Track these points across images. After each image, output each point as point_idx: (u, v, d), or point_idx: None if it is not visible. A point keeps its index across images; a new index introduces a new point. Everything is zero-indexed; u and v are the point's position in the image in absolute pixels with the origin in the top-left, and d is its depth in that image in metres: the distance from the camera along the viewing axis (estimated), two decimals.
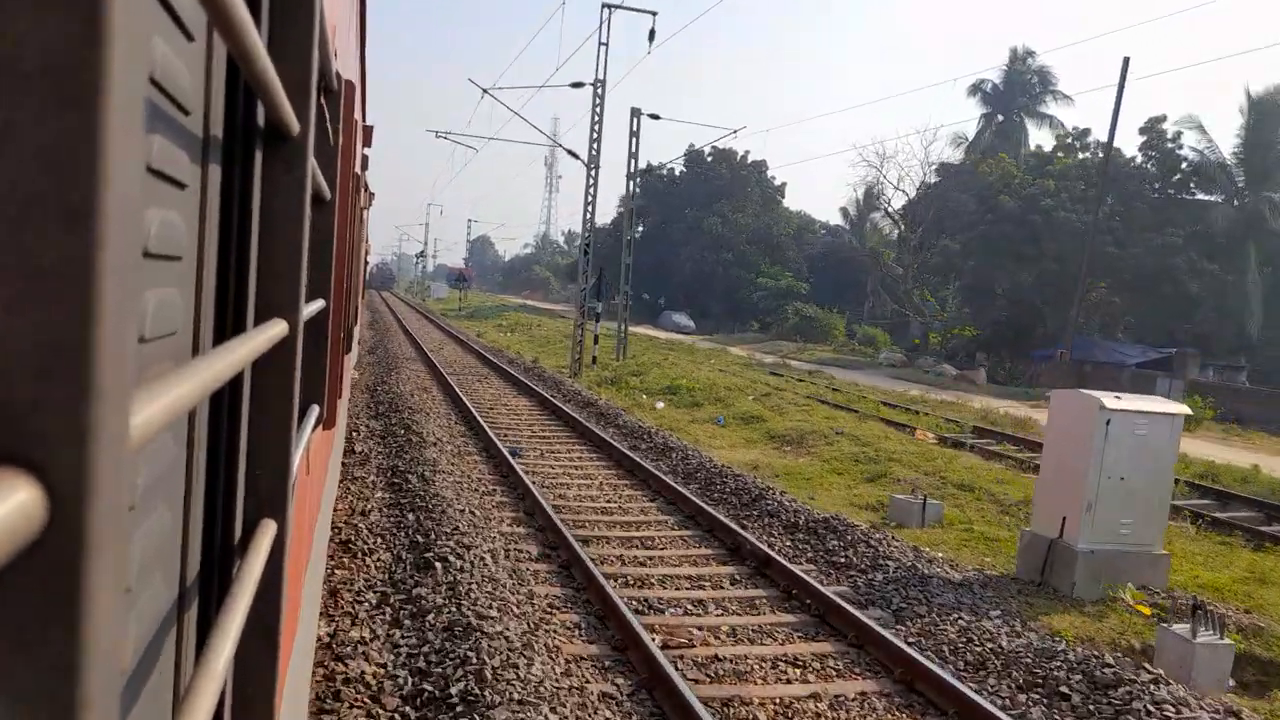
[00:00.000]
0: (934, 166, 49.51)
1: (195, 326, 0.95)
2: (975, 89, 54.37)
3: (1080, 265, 31.98)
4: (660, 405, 17.89)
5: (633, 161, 24.22)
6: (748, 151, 61.70)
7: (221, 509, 1.06)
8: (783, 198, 63.12)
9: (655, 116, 24.47)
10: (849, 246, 57.38)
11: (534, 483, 9.19)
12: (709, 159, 61.03)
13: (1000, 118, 52.90)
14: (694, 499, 8.84)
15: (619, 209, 69.01)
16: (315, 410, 2.17)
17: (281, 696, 1.32)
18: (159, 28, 0.72)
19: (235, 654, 0.94)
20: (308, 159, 1.17)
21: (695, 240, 57.17)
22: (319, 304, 1.98)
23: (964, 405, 22.23)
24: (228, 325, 1.07)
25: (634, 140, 24.03)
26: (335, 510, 7.29)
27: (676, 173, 64.39)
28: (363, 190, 6.06)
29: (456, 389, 16.27)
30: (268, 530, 1.07)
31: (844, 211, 63.58)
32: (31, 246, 0.35)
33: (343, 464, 9.31)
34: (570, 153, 22.65)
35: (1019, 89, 52.51)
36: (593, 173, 22.74)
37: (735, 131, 24.61)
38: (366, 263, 15.08)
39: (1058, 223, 34.00)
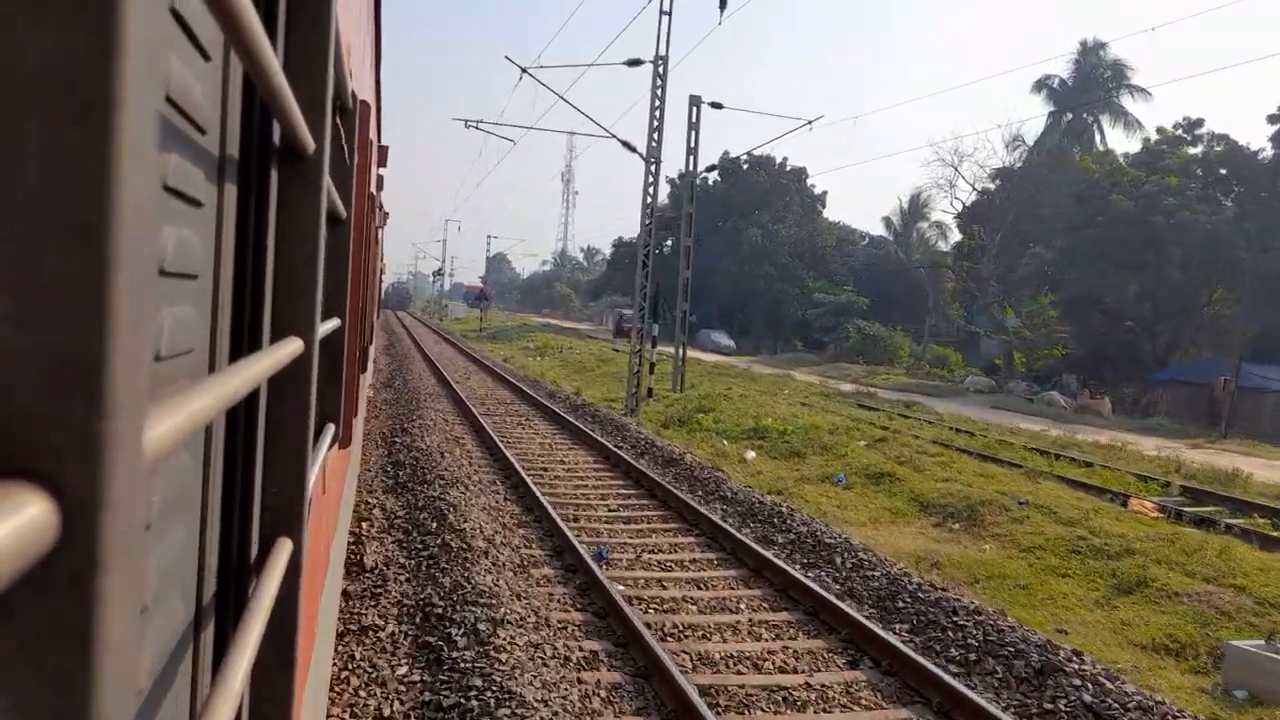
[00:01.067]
0: (989, 171, 49.67)
1: (212, 344, 1.03)
2: (1040, 85, 52.38)
3: (1210, 272, 27.96)
4: (751, 456, 15.40)
5: (691, 159, 22.79)
6: (786, 158, 63.97)
7: (238, 527, 1.14)
8: (824, 207, 65.06)
9: (717, 105, 22.75)
10: (894, 258, 58.68)
11: (647, 626, 6.53)
12: (745, 166, 62.59)
13: (1069, 115, 50.75)
14: (927, 665, 5.83)
15: (647, 223, 65.93)
16: (331, 429, 2.26)
17: (299, 715, 1.37)
18: (175, 47, 0.80)
19: (252, 673, 1.00)
20: (323, 178, 1.26)
21: (732, 253, 57.43)
22: (334, 323, 2.06)
23: (1128, 450, 20.26)
24: (244, 343, 1.15)
25: (693, 133, 22.58)
26: None
27: (710, 181, 65.29)
28: (378, 210, 6.34)
29: (496, 439, 14.07)
30: (284, 548, 1.13)
31: (887, 221, 64.93)
32: (43, 261, 0.38)
33: (344, 593, 6.76)
34: (625, 144, 20.90)
35: (1091, 84, 49.96)
36: (653, 168, 20.86)
37: (810, 123, 22.42)
38: (381, 282, 15.00)
39: (1183, 225, 30.25)
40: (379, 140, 6.22)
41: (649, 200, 21.43)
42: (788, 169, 61.82)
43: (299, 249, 1.21)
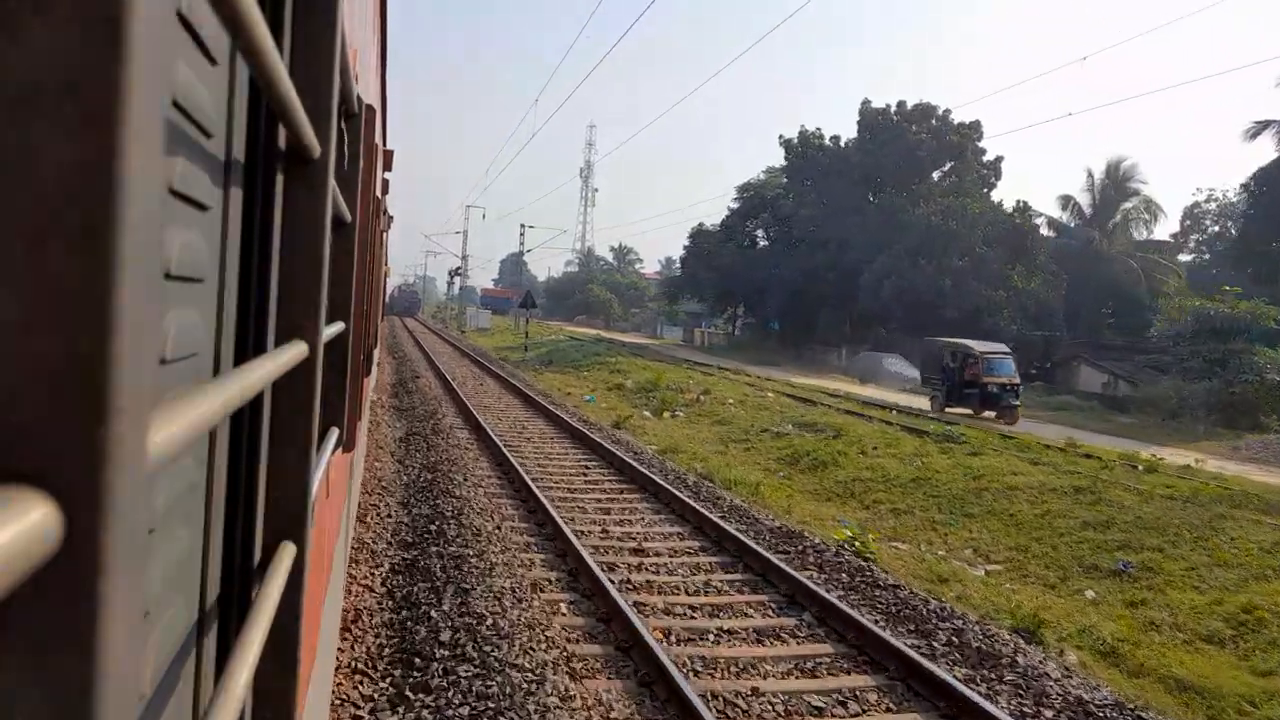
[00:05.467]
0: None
1: (216, 348, 1.06)
2: None
3: None
4: None
5: None
6: (949, 110, 46.31)
7: (241, 531, 1.17)
8: (998, 178, 47.46)
9: None
10: (1091, 250, 43.98)
11: None
12: (895, 118, 45.81)
13: None
14: None
15: (732, 205, 55.48)
16: (335, 433, 2.33)
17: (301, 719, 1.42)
18: (182, 51, 0.83)
19: (254, 677, 1.01)
20: (328, 182, 1.29)
21: (895, 239, 41.66)
22: (339, 326, 2.13)
23: None
24: (249, 346, 1.18)
25: None
26: None
27: (842, 141, 49.77)
28: (383, 214, 6.48)
29: None
30: (287, 553, 1.16)
31: (1066, 200, 48.05)
32: (49, 265, 0.39)
33: None
34: None
35: None
36: None
37: None
38: (386, 285, 14.94)
39: None
40: (384, 144, 6.42)
41: None
42: (953, 124, 44.87)
43: (304, 253, 1.24)
